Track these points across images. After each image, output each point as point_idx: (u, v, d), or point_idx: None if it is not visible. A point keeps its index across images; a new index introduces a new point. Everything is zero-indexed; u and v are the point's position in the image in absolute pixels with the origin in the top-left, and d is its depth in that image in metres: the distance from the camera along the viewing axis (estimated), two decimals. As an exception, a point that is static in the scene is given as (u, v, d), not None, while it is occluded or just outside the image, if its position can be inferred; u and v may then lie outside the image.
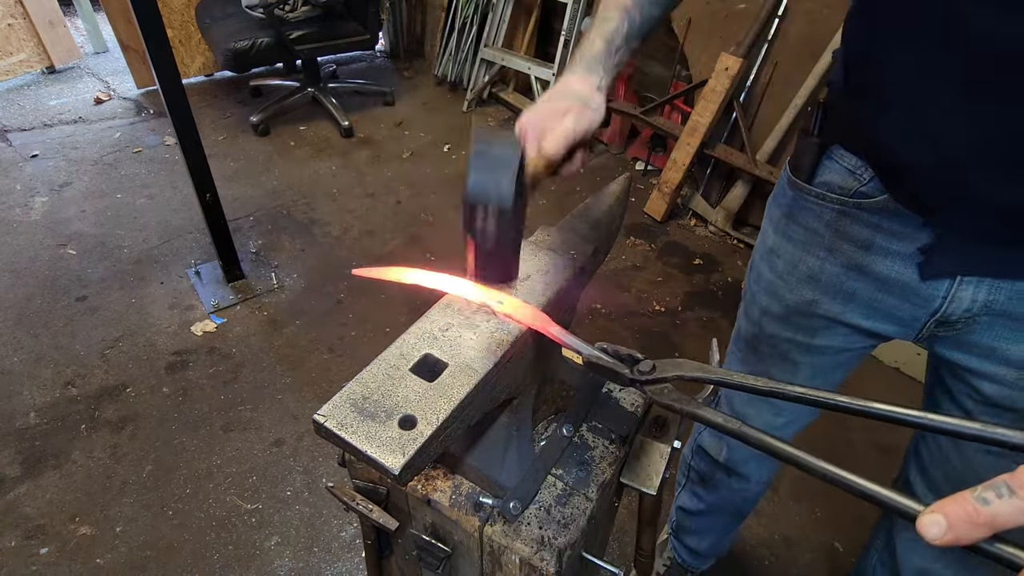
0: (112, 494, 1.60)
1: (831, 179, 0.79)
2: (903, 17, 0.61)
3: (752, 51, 2.34)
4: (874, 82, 0.67)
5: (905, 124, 0.65)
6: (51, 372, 1.90)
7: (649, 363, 0.51)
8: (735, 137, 2.53)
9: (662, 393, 0.49)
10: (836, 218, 0.80)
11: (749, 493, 1.23)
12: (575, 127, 0.64)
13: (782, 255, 0.89)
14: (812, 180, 0.81)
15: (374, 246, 2.48)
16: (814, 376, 0.96)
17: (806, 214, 0.83)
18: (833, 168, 0.78)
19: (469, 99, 3.45)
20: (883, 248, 0.76)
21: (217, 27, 2.85)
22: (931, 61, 0.60)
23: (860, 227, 0.77)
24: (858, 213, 0.77)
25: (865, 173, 0.74)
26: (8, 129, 3.03)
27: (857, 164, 0.75)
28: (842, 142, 0.77)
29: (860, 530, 1.62)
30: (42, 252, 2.33)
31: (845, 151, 0.77)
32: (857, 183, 0.76)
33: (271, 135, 3.16)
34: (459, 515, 0.69)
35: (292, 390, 1.89)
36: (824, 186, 0.80)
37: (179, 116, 1.77)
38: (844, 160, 0.77)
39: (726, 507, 1.27)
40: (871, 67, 0.67)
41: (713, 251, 2.58)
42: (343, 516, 1.58)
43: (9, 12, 3.19)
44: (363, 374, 0.54)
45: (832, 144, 0.78)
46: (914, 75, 0.62)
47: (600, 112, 0.67)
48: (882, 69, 0.65)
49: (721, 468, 1.17)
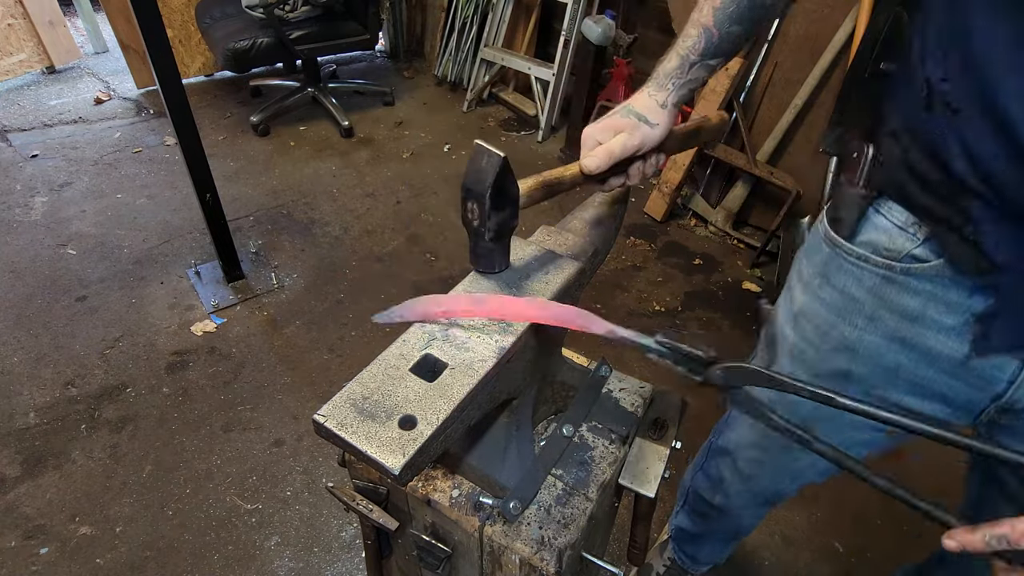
0: (112, 494, 1.60)
1: (877, 238, 0.68)
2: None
3: (752, 51, 2.34)
4: (976, 91, 0.54)
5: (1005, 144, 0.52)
6: (51, 372, 1.90)
7: (719, 374, 0.51)
8: (735, 137, 2.53)
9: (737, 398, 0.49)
10: (880, 284, 0.69)
11: (743, 527, 1.24)
12: (622, 145, 0.66)
13: (812, 319, 0.79)
14: (854, 238, 0.71)
15: (374, 246, 2.48)
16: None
17: (844, 276, 0.73)
18: (880, 225, 0.68)
19: (469, 99, 3.45)
20: (935, 321, 0.66)
21: (217, 27, 2.85)
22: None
23: (908, 296, 0.67)
24: (906, 280, 0.67)
25: (919, 232, 0.64)
26: (8, 129, 3.03)
27: (910, 221, 0.65)
28: (898, 194, 0.66)
29: (860, 530, 1.63)
30: (42, 252, 2.33)
31: (897, 205, 0.66)
32: (910, 243, 0.65)
33: (271, 135, 3.16)
34: (459, 515, 0.69)
35: (292, 390, 1.89)
36: (868, 246, 0.69)
37: (179, 116, 1.77)
38: (894, 215, 0.66)
39: (722, 533, 1.28)
40: (975, 74, 0.54)
41: (713, 251, 2.58)
42: (343, 516, 1.58)
43: (9, 12, 3.19)
44: (363, 374, 0.54)
45: (883, 196, 0.68)
46: None
47: (661, 129, 0.68)
48: (992, 71, 0.52)
49: (715, 508, 1.17)
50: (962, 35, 0.54)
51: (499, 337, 0.58)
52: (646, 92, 0.70)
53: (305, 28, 2.82)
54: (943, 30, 0.57)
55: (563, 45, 2.92)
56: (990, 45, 0.51)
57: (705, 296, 2.35)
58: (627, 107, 0.69)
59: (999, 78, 0.50)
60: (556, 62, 2.99)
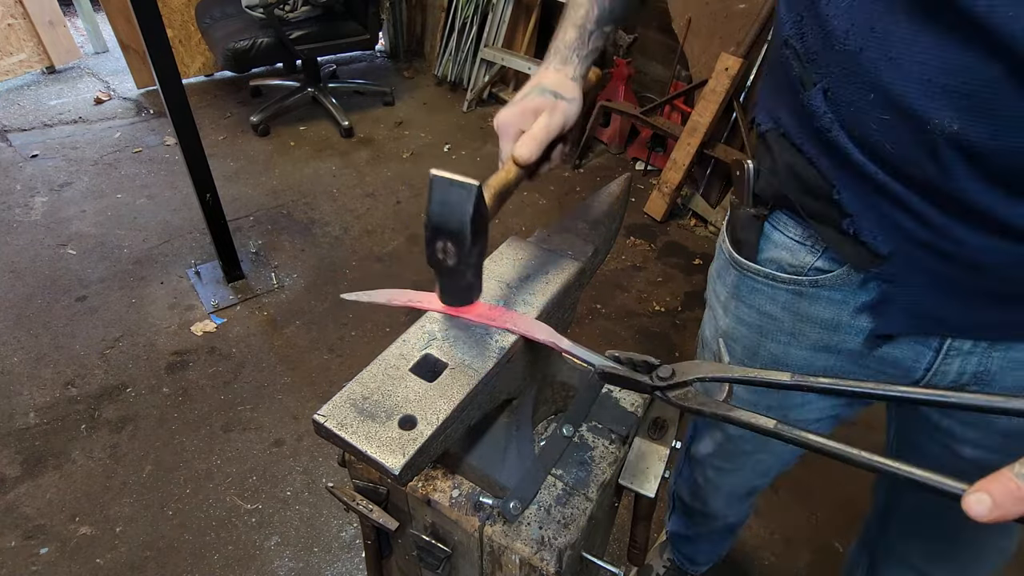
0: (112, 494, 1.60)
1: (779, 255, 0.69)
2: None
3: (752, 51, 2.33)
4: (824, 56, 0.54)
5: (876, 108, 0.52)
6: (51, 372, 1.90)
7: (668, 368, 0.49)
8: (735, 137, 2.53)
9: (687, 398, 0.47)
10: (792, 300, 0.70)
11: (730, 524, 1.24)
12: (548, 126, 0.62)
13: (738, 340, 0.80)
14: (757, 257, 0.71)
15: (374, 246, 2.48)
16: (785, 446, 0.91)
17: (757, 296, 0.74)
18: (779, 242, 0.69)
19: (469, 99, 3.45)
20: (852, 326, 0.68)
21: (217, 27, 2.85)
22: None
23: (822, 306, 0.68)
24: (816, 292, 0.67)
25: (817, 244, 0.65)
26: (8, 129, 3.03)
27: (806, 234, 0.66)
28: (783, 204, 0.66)
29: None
30: (42, 252, 2.33)
31: (789, 219, 0.67)
32: (811, 257, 0.66)
33: (271, 135, 3.16)
34: (459, 515, 0.69)
35: (292, 390, 1.89)
36: (772, 264, 0.70)
37: (179, 116, 1.77)
38: (790, 231, 0.67)
39: (712, 534, 1.29)
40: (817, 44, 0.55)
41: (713, 251, 2.57)
42: (343, 516, 1.58)
43: (9, 12, 3.19)
44: (363, 374, 0.54)
45: (773, 212, 0.68)
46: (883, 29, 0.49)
47: (576, 103, 0.65)
48: (830, 34, 0.53)
49: (699, 512, 1.17)
50: (814, 15, 0.54)
51: (499, 337, 0.58)
52: (552, 67, 0.67)
53: (305, 28, 2.82)
54: (797, 9, 0.57)
55: (563, 45, 2.92)
56: (846, 24, 0.51)
57: (705, 296, 2.35)
58: (538, 86, 0.65)
59: (863, 49, 0.50)
60: (556, 62, 2.98)
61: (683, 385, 0.48)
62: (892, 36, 0.49)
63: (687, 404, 0.47)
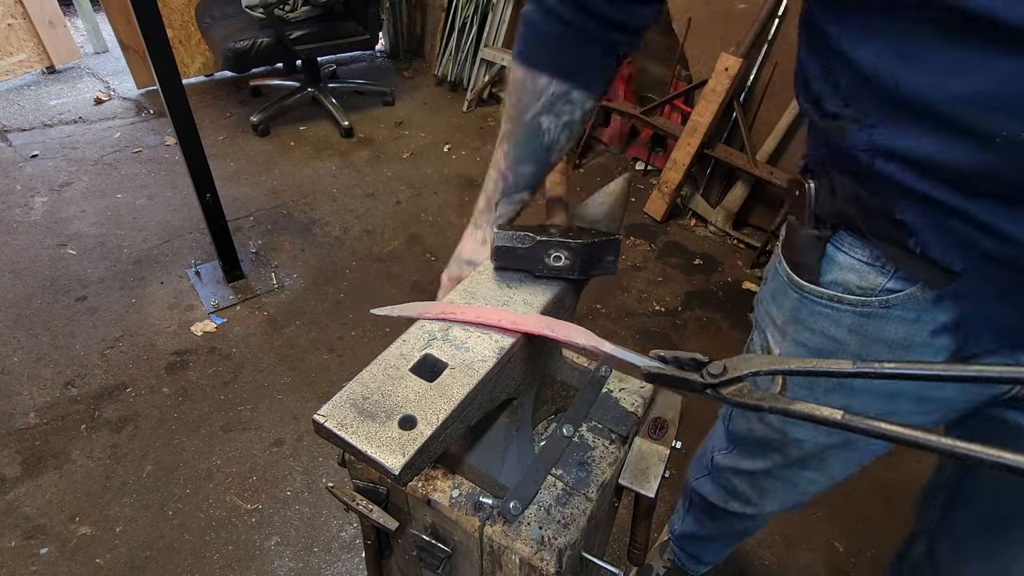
0: (112, 494, 1.60)
1: (845, 278, 0.65)
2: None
3: (752, 51, 2.33)
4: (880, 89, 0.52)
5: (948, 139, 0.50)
6: (51, 372, 1.90)
7: (719, 364, 0.46)
8: (735, 137, 2.53)
9: (742, 394, 0.45)
10: (860, 322, 0.66)
11: (751, 527, 1.22)
12: None
13: None
14: (820, 279, 0.68)
15: (374, 246, 2.48)
16: (845, 469, 0.87)
17: (819, 319, 0.70)
18: (845, 264, 0.65)
19: (469, 99, 3.45)
20: (927, 344, 0.63)
21: (217, 27, 2.85)
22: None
23: (893, 327, 0.64)
24: (887, 312, 0.63)
25: (887, 265, 0.61)
26: (8, 129, 3.03)
27: (875, 255, 0.62)
28: (848, 226, 0.63)
29: (860, 530, 1.62)
30: (42, 252, 2.33)
31: (855, 240, 0.63)
32: (882, 278, 0.62)
33: (271, 135, 3.16)
34: (459, 515, 0.69)
35: (292, 390, 1.89)
36: (838, 286, 0.66)
37: (179, 116, 1.77)
38: (856, 252, 0.64)
39: (728, 534, 1.27)
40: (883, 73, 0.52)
41: (713, 251, 2.58)
42: (343, 516, 1.58)
43: (9, 12, 3.19)
44: (363, 374, 0.54)
45: (837, 232, 0.65)
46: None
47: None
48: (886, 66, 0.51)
49: (729, 513, 1.13)
50: (844, 62, 0.53)
51: (499, 337, 0.58)
52: (468, 233, 0.76)
53: (305, 28, 2.82)
54: (824, 63, 0.56)
55: (563, 45, 2.92)
56: (873, 59, 0.51)
57: (705, 296, 2.35)
58: (459, 257, 0.76)
59: (899, 81, 0.50)
60: (556, 62, 2.98)
61: (736, 381, 0.45)
62: (928, 62, 0.48)
63: (743, 400, 0.44)
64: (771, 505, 1.06)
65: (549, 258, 0.64)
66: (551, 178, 0.79)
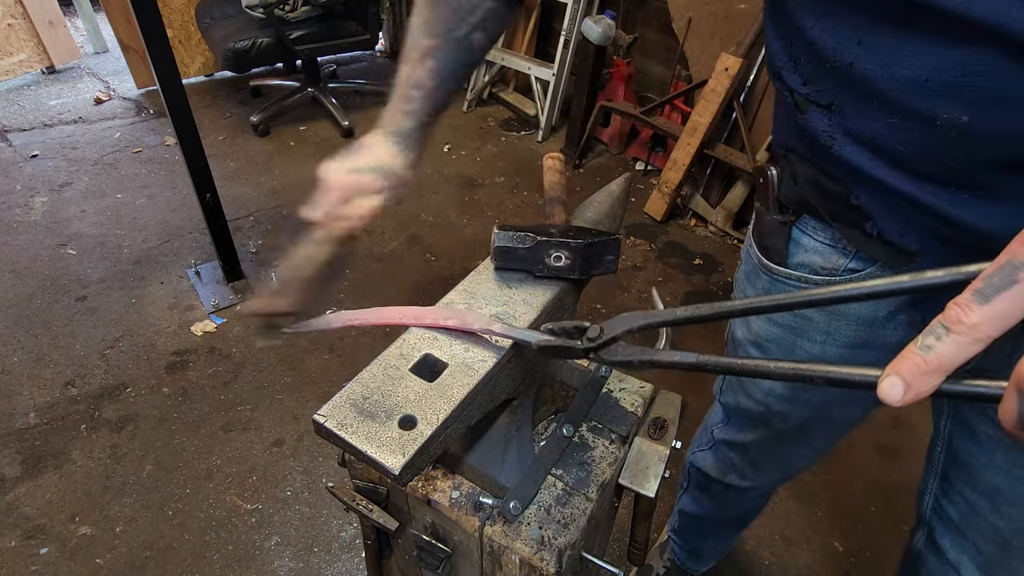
0: (112, 494, 1.60)
1: (811, 259, 0.69)
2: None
3: (752, 51, 2.33)
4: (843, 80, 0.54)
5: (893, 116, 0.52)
6: (51, 372, 1.90)
7: (596, 327, 0.48)
8: (735, 137, 2.53)
9: (616, 352, 0.47)
10: None
11: (751, 502, 1.23)
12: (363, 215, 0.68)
13: (773, 340, 0.80)
14: (788, 261, 0.71)
15: (374, 246, 2.48)
16: (829, 441, 0.92)
17: None
18: (810, 246, 0.69)
19: (469, 99, 3.45)
20: (890, 319, 0.68)
21: (217, 27, 2.85)
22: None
23: (859, 304, 0.67)
24: None
25: (849, 246, 0.65)
26: (8, 129, 3.03)
27: (836, 237, 0.66)
28: (810, 211, 0.66)
29: (860, 530, 1.62)
30: (42, 252, 2.33)
31: (818, 223, 0.67)
32: (844, 259, 0.66)
33: (271, 135, 3.16)
34: (459, 515, 0.69)
35: (292, 390, 1.89)
36: (805, 267, 0.70)
37: (179, 116, 1.77)
38: (819, 235, 0.67)
39: (727, 514, 1.27)
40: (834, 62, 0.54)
41: (713, 251, 2.58)
42: (343, 516, 1.58)
43: (9, 12, 3.19)
44: (363, 374, 0.54)
45: (800, 217, 0.68)
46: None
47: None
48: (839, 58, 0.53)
49: (726, 485, 1.15)
50: (803, 39, 0.54)
51: (499, 337, 0.58)
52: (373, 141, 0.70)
53: (305, 28, 2.82)
54: (785, 38, 0.58)
55: (563, 45, 2.92)
56: (828, 38, 0.52)
57: (705, 296, 2.35)
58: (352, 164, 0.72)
59: (853, 61, 0.51)
60: (556, 62, 2.99)
61: (612, 341, 0.47)
62: (880, 47, 0.49)
63: (615, 359, 0.46)
64: (765, 477, 1.09)
65: (549, 258, 0.64)
66: (551, 178, 0.78)
